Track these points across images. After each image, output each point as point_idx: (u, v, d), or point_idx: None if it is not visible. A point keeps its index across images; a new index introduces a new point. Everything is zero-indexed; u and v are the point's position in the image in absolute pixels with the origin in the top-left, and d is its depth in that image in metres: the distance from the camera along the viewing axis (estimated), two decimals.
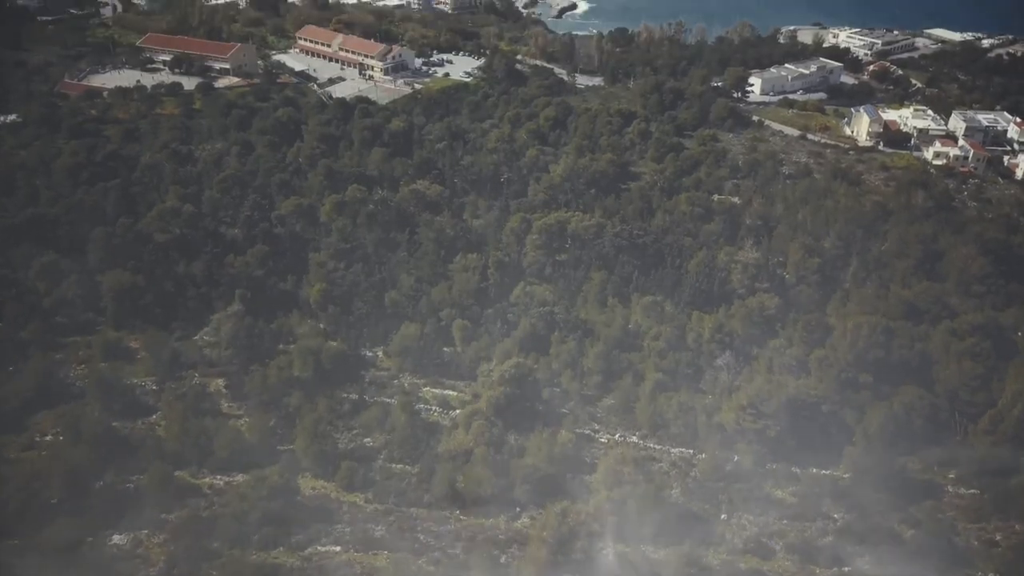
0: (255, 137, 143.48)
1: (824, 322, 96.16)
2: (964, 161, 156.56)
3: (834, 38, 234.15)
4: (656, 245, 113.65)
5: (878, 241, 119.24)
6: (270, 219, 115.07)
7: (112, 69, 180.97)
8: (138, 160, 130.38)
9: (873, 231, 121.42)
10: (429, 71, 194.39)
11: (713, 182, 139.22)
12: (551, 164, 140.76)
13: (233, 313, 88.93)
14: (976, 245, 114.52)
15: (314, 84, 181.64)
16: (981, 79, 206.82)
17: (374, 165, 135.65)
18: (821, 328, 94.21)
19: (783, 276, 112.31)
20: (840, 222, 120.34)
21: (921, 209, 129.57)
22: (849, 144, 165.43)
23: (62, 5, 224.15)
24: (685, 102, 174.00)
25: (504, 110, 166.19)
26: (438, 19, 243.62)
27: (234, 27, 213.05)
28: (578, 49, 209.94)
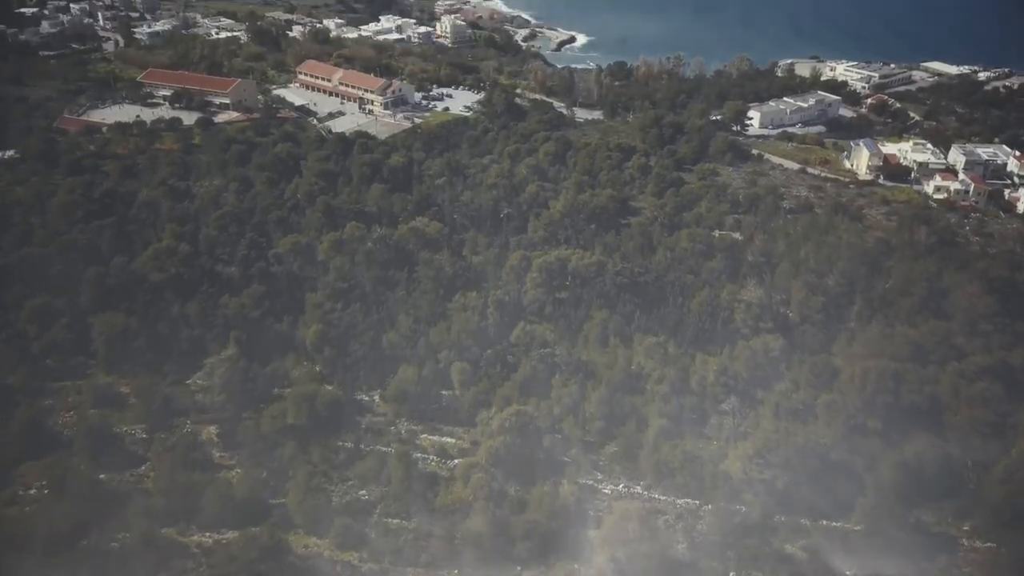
0: (254, 173, 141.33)
1: (830, 364, 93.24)
2: (965, 195, 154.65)
3: (831, 71, 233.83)
4: (658, 283, 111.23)
5: (882, 278, 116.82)
6: (267, 257, 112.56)
7: (112, 104, 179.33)
8: (135, 197, 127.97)
9: (876, 268, 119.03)
10: (429, 105, 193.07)
11: (714, 217, 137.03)
12: (551, 200, 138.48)
13: (227, 357, 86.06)
14: (981, 283, 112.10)
15: (314, 118, 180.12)
16: (979, 112, 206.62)
17: (373, 201, 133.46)
18: (827, 371, 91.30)
19: (787, 314, 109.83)
20: (843, 259, 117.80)
21: (924, 245, 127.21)
22: (849, 178, 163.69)
23: (64, 40, 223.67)
24: (684, 136, 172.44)
25: (504, 145, 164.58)
26: (438, 53, 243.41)
27: (235, 62, 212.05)
28: (577, 83, 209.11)
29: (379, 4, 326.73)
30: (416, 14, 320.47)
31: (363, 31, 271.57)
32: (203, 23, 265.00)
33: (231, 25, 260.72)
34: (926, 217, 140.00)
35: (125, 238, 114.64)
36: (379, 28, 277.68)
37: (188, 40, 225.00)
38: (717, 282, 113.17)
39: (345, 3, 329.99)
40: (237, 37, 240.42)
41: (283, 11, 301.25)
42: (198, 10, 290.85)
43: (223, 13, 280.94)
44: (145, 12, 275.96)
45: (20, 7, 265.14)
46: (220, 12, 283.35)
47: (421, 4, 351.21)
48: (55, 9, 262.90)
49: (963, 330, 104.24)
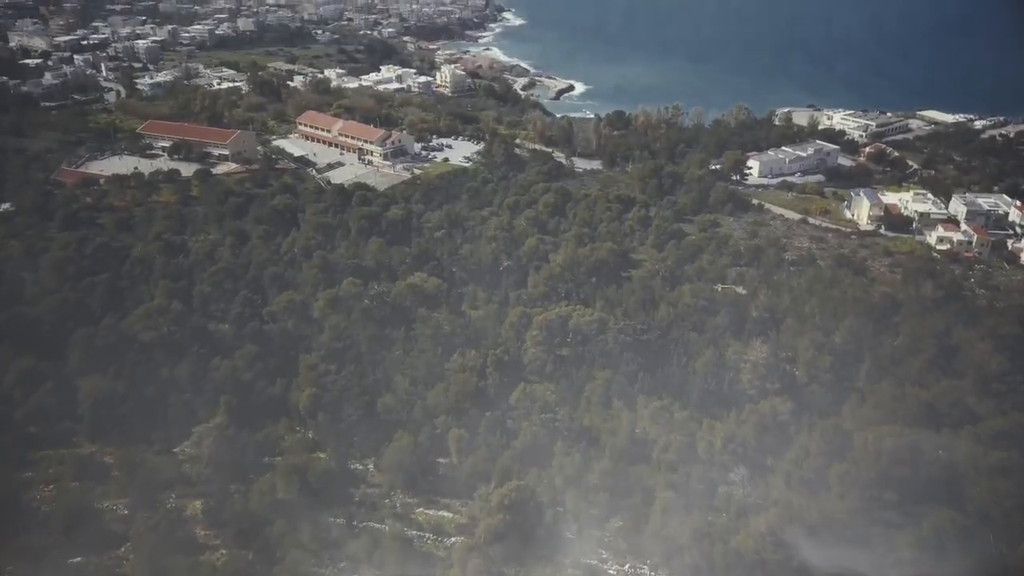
0: (251, 226, 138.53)
1: (841, 429, 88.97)
2: (968, 246, 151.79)
3: (828, 120, 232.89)
4: (661, 341, 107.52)
5: (889, 335, 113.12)
6: (261, 316, 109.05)
7: (111, 155, 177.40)
8: (129, 252, 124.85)
9: (883, 324, 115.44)
10: (428, 156, 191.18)
11: (716, 270, 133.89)
12: (551, 253, 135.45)
13: (216, 425, 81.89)
14: (991, 340, 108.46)
15: (313, 169, 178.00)
16: (976, 160, 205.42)
17: (371, 255, 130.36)
18: (839, 436, 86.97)
19: (793, 373, 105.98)
20: (849, 315, 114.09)
21: (931, 300, 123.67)
22: (851, 228, 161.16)
23: (66, 91, 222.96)
24: (684, 186, 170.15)
25: (503, 196, 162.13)
26: (438, 103, 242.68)
27: (236, 112, 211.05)
28: (576, 133, 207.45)
29: (380, 54, 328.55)
30: (416, 64, 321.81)
31: (364, 81, 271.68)
32: (205, 73, 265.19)
33: (232, 76, 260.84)
34: (931, 270, 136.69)
35: (117, 295, 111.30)
36: (380, 78, 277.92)
37: (189, 91, 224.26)
38: (721, 339, 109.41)
39: (346, 53, 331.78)
40: (238, 87, 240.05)
41: (285, 61, 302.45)
42: (200, 60, 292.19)
43: (225, 64, 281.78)
44: (148, 63, 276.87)
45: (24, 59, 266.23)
46: (222, 63, 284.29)
47: (421, 54, 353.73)
48: (59, 60, 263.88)
49: (975, 390, 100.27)
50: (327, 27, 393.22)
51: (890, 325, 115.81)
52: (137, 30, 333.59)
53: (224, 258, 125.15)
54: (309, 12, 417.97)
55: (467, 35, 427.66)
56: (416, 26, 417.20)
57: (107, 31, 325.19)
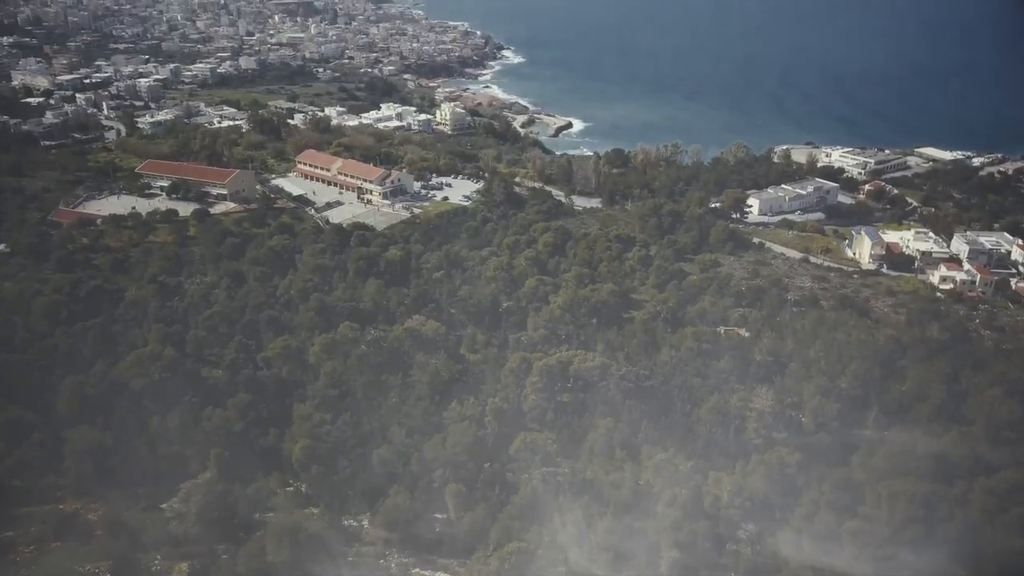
0: (247, 268, 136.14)
1: (852, 481, 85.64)
2: (972, 286, 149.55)
3: (827, 157, 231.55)
4: (664, 387, 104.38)
5: (896, 380, 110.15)
6: (256, 362, 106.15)
7: (110, 195, 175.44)
8: (124, 295, 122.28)
9: (890, 368, 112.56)
10: (428, 195, 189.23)
11: (718, 311, 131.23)
12: (551, 294, 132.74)
13: (205, 481, 78.44)
14: (1001, 386, 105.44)
15: (312, 208, 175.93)
16: (976, 197, 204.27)
17: (369, 297, 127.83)
18: (850, 489, 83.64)
19: (800, 420, 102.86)
20: (855, 359, 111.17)
21: (937, 342, 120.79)
22: (852, 267, 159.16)
23: (67, 130, 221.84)
24: (684, 225, 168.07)
25: (503, 236, 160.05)
26: (437, 142, 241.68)
27: (236, 150, 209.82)
28: (575, 171, 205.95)
29: (380, 92, 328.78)
30: (417, 101, 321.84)
31: (364, 119, 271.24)
32: (206, 112, 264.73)
33: (233, 114, 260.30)
34: (935, 311, 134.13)
35: (109, 341, 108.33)
36: (380, 116, 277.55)
37: (190, 129, 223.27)
38: (725, 385, 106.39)
39: (347, 91, 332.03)
40: (239, 126, 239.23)
41: (285, 99, 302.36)
42: (202, 98, 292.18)
43: (226, 102, 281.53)
44: (150, 101, 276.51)
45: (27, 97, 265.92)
46: (223, 101, 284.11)
47: (422, 92, 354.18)
48: (61, 99, 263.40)
49: (987, 437, 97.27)
50: (328, 65, 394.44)
51: (896, 369, 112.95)
52: (140, 69, 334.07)
53: (220, 301, 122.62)
54: (311, 51, 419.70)
55: (467, 73, 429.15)
56: (416, 64, 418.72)
57: (110, 70, 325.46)
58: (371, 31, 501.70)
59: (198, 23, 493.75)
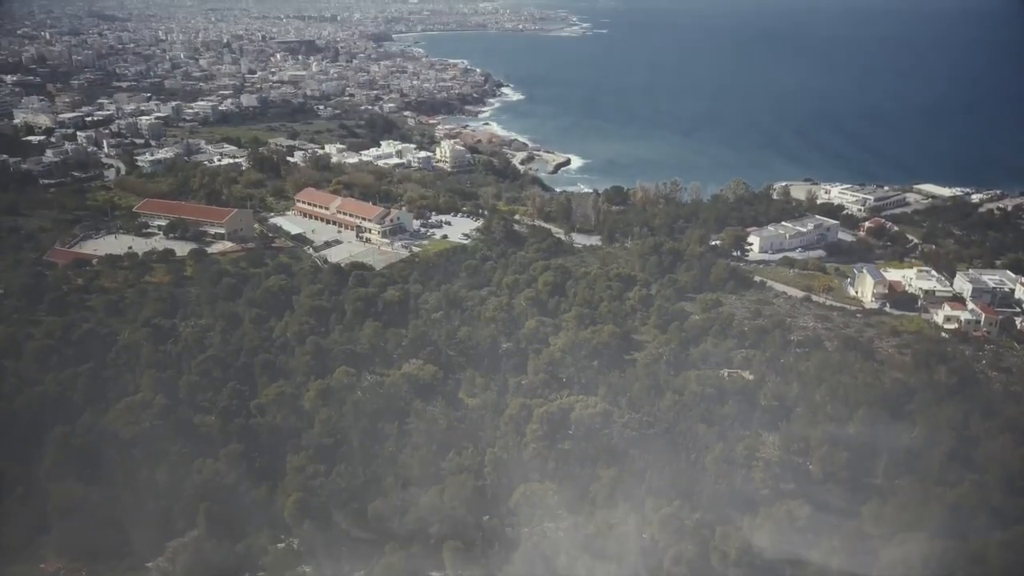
0: (243, 309, 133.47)
1: (864, 536, 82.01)
2: (976, 325, 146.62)
3: (826, 194, 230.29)
4: (668, 434, 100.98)
5: (905, 425, 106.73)
6: (249, 409, 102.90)
7: (107, 234, 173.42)
8: (116, 339, 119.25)
9: (898, 413, 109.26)
10: (427, 233, 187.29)
11: (721, 353, 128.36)
12: (551, 336, 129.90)
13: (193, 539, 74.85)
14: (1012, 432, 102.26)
15: (310, 247, 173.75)
16: (976, 234, 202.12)
17: (367, 339, 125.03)
18: (862, 545, 79.93)
19: (808, 468, 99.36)
20: (862, 405, 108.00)
21: (945, 386, 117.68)
22: (855, 306, 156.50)
23: (66, 168, 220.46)
24: (684, 263, 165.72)
25: (502, 275, 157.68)
26: (437, 179, 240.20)
27: (235, 188, 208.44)
28: (575, 209, 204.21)
29: (380, 129, 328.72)
30: (416, 138, 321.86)
31: (364, 156, 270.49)
32: (206, 149, 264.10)
33: (233, 151, 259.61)
34: (942, 353, 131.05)
35: (100, 387, 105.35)
36: (380, 153, 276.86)
37: (189, 168, 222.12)
38: (730, 431, 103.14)
39: (347, 128, 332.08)
40: (238, 164, 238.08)
41: (286, 137, 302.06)
42: (203, 136, 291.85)
43: (227, 139, 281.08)
44: (151, 139, 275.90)
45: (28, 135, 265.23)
46: (224, 138, 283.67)
47: (422, 129, 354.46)
48: (62, 137, 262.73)
49: (1000, 487, 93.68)
50: (329, 102, 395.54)
51: (905, 414, 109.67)
52: (142, 106, 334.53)
53: (214, 344, 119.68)
54: (312, 88, 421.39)
55: (467, 110, 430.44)
56: (417, 101, 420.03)
57: (112, 108, 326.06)
58: (372, 69, 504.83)
59: (201, 61, 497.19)
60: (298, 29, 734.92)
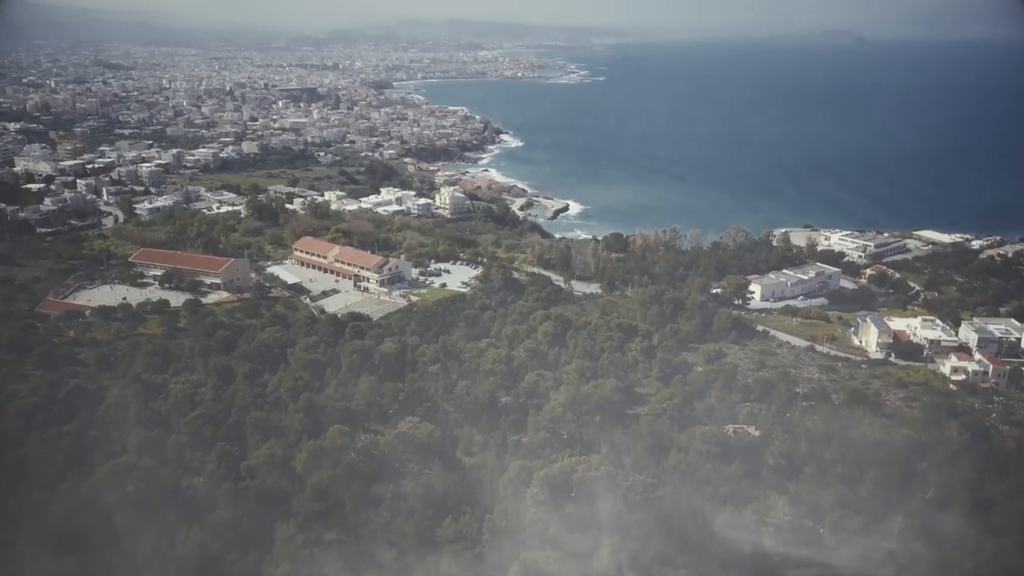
0: (236, 363, 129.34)
1: None
2: (984, 376, 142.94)
3: (826, 240, 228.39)
4: (674, 497, 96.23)
5: (918, 486, 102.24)
6: (239, 471, 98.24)
7: (101, 284, 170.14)
8: (104, 396, 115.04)
9: (910, 472, 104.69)
10: (426, 281, 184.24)
11: (726, 408, 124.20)
12: (551, 391, 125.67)
13: None
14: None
15: (307, 297, 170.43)
16: (978, 281, 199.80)
17: (362, 395, 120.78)
18: None
19: (819, 532, 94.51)
20: (873, 465, 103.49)
21: (957, 443, 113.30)
22: (860, 356, 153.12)
23: (64, 217, 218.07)
24: (686, 312, 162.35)
25: (501, 324, 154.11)
26: (436, 227, 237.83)
27: (233, 237, 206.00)
28: (575, 256, 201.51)
29: (380, 176, 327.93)
30: (416, 185, 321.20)
31: (363, 203, 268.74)
32: (206, 197, 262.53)
33: (232, 199, 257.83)
34: (951, 406, 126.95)
35: (85, 448, 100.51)
36: (379, 200, 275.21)
37: (187, 216, 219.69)
38: (738, 493, 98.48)
39: (347, 175, 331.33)
40: (237, 211, 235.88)
41: (286, 184, 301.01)
42: (203, 183, 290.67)
43: (226, 186, 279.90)
44: (151, 186, 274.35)
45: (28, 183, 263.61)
46: (224, 186, 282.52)
47: (421, 175, 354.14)
48: (62, 185, 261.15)
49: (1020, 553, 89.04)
50: (329, 149, 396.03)
51: (917, 474, 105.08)
52: (143, 154, 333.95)
53: (205, 401, 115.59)
54: (313, 135, 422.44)
55: (466, 156, 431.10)
56: (417, 148, 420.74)
57: (113, 155, 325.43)
58: (372, 116, 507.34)
59: (203, 109, 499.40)
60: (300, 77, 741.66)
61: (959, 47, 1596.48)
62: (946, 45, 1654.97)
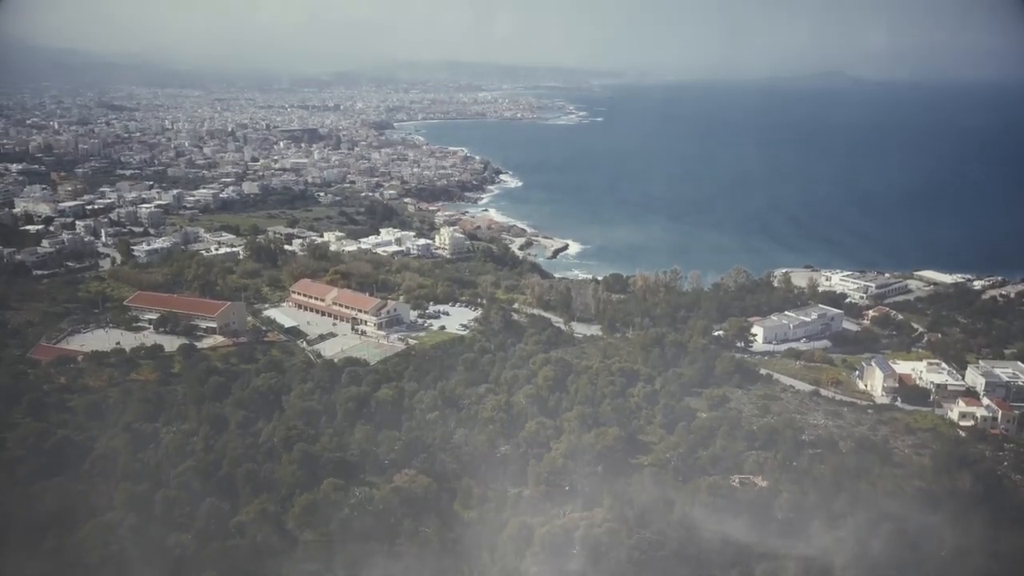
0: (230, 411, 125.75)
1: None
2: (994, 423, 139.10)
3: (827, 281, 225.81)
4: (680, 554, 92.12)
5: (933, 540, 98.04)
6: (228, 528, 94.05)
7: (96, 328, 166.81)
8: (93, 447, 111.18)
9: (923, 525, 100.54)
10: (424, 324, 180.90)
11: (731, 456, 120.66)
12: (552, 440, 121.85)
13: None
14: None
15: (303, 341, 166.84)
16: (981, 322, 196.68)
17: (357, 444, 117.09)
18: None
19: None
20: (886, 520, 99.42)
21: (970, 495, 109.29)
22: (865, 400, 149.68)
23: (61, 259, 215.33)
24: (688, 356, 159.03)
25: (500, 368, 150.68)
26: (436, 268, 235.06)
27: (230, 278, 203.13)
28: (575, 297, 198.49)
29: (380, 216, 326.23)
30: (416, 225, 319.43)
31: (363, 244, 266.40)
32: (205, 238, 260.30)
33: (231, 240, 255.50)
34: (962, 455, 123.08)
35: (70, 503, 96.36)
36: (379, 241, 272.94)
37: (185, 258, 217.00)
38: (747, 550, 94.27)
39: (347, 215, 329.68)
40: (236, 253, 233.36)
41: (285, 224, 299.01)
42: (203, 224, 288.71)
43: (225, 227, 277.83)
44: (150, 227, 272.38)
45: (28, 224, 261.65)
46: (223, 226, 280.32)
47: (421, 215, 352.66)
48: (61, 226, 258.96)
49: None
50: (330, 189, 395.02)
51: (931, 527, 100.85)
52: (143, 194, 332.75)
53: (196, 451, 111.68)
54: (313, 175, 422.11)
55: (466, 196, 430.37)
56: (417, 188, 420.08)
57: (113, 196, 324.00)
58: (373, 156, 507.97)
59: (205, 149, 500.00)
60: (302, 118, 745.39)
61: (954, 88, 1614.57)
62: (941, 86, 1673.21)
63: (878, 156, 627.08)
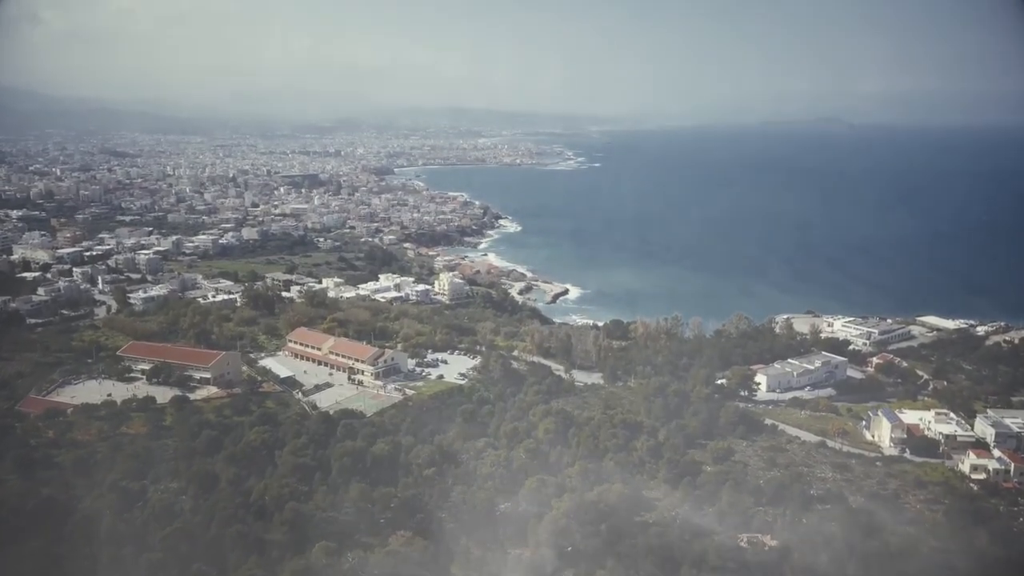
0: (220, 467, 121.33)
1: None
2: (1007, 475, 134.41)
3: (829, 327, 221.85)
4: None
5: None
6: None
7: (87, 379, 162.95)
8: (77, 507, 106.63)
9: None
10: (423, 372, 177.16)
11: (738, 513, 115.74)
12: (554, 498, 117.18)
13: None
14: None
15: (299, 391, 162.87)
16: (987, 369, 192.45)
17: (352, 503, 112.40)
18: None
19: None
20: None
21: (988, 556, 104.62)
22: (873, 451, 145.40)
23: (55, 307, 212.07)
24: (691, 406, 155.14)
25: (499, 420, 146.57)
26: (435, 314, 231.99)
27: (227, 326, 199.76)
28: (575, 344, 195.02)
29: (380, 261, 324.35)
30: (416, 270, 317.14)
31: (361, 289, 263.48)
32: (202, 284, 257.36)
33: (229, 287, 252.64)
34: (976, 511, 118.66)
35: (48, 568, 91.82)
36: (378, 287, 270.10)
37: (181, 305, 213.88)
38: None
39: (346, 261, 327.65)
40: (233, 300, 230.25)
41: (284, 270, 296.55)
42: (201, 270, 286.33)
43: (223, 274, 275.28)
44: (148, 274, 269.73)
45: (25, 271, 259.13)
46: (221, 272, 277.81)
47: (421, 260, 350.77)
48: (58, 273, 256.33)
49: None
50: (329, 235, 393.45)
51: None
52: (142, 240, 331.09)
53: (184, 512, 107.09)
54: (313, 221, 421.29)
55: (466, 241, 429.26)
56: (417, 233, 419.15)
57: (112, 242, 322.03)
58: (373, 202, 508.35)
59: (206, 195, 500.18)
60: (302, 164, 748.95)
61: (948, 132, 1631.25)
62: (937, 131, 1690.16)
63: (874, 200, 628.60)
